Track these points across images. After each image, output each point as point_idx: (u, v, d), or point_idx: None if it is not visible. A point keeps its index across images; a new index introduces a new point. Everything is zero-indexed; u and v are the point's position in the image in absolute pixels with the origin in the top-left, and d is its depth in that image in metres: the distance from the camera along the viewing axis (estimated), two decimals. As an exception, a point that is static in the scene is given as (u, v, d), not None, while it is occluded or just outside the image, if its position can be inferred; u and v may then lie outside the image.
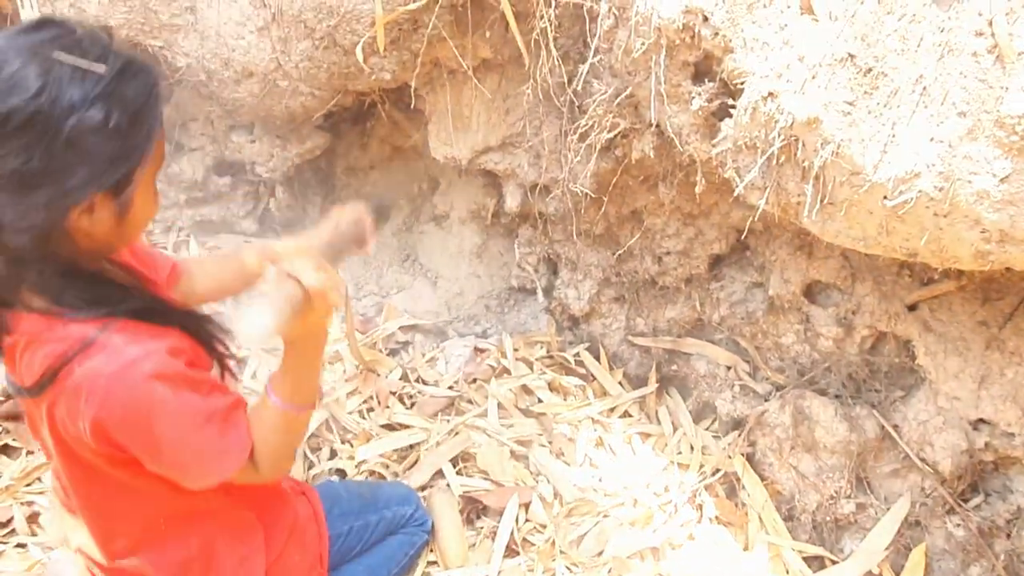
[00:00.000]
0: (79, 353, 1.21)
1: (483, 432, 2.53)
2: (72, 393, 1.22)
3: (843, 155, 1.61)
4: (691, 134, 1.99)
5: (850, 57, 1.58)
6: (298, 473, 2.36)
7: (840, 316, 2.43)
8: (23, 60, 1.12)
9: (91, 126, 1.14)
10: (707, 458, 2.55)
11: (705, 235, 2.59)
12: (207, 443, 1.33)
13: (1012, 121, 1.45)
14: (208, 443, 1.33)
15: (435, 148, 2.77)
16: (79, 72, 1.14)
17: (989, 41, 1.47)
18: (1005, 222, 1.52)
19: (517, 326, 3.07)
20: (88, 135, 1.14)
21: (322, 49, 2.39)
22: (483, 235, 3.18)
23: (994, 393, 2.19)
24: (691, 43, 1.83)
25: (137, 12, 2.53)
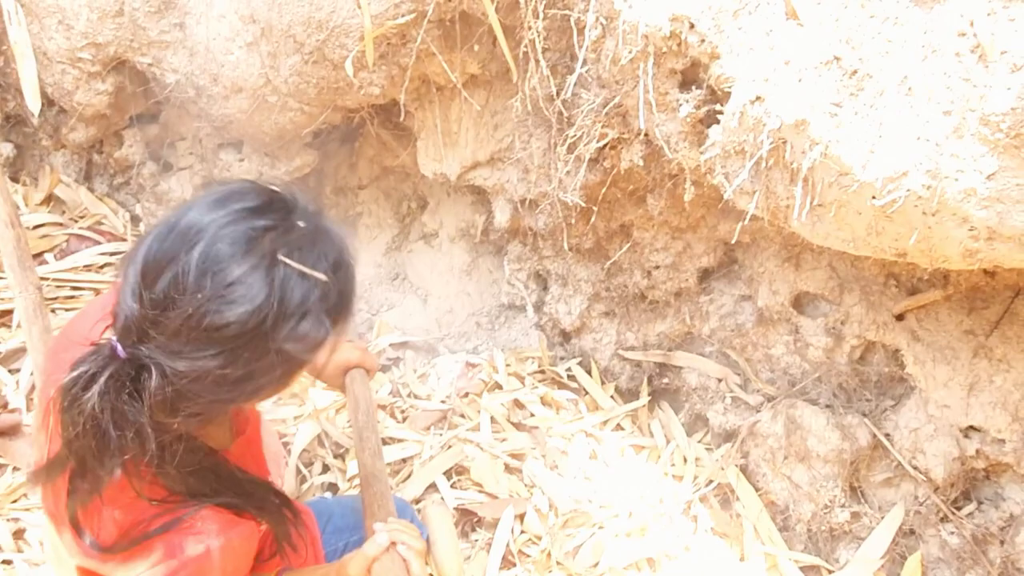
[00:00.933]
0: (167, 529, 1.17)
1: (476, 446, 2.51)
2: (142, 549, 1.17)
3: (831, 156, 1.63)
4: (679, 141, 2.00)
5: (835, 59, 1.60)
6: (290, 488, 2.34)
7: (829, 326, 2.44)
8: (249, 263, 1.07)
9: (300, 339, 1.11)
10: (700, 470, 2.55)
11: (693, 248, 2.60)
12: None
13: (996, 118, 1.47)
14: None
15: (424, 164, 2.78)
16: (302, 280, 1.10)
17: (971, 41, 1.49)
18: (993, 219, 1.54)
19: (508, 342, 3.07)
20: (287, 354, 1.11)
21: (311, 64, 2.41)
22: (472, 253, 3.19)
23: (983, 400, 2.21)
24: (678, 50, 1.86)
25: (126, 29, 2.54)
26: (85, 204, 3.22)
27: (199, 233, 1.07)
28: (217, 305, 1.05)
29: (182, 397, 1.09)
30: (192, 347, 1.06)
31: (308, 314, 1.11)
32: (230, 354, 1.07)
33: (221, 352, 1.07)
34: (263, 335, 1.08)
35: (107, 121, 2.96)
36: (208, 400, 1.11)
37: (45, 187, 3.20)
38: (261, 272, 1.07)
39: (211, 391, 1.10)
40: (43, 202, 3.20)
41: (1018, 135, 1.46)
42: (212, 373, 1.07)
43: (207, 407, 1.12)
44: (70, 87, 2.75)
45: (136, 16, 2.53)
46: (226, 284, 1.05)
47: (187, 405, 1.10)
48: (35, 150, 3.28)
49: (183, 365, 1.06)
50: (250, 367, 1.09)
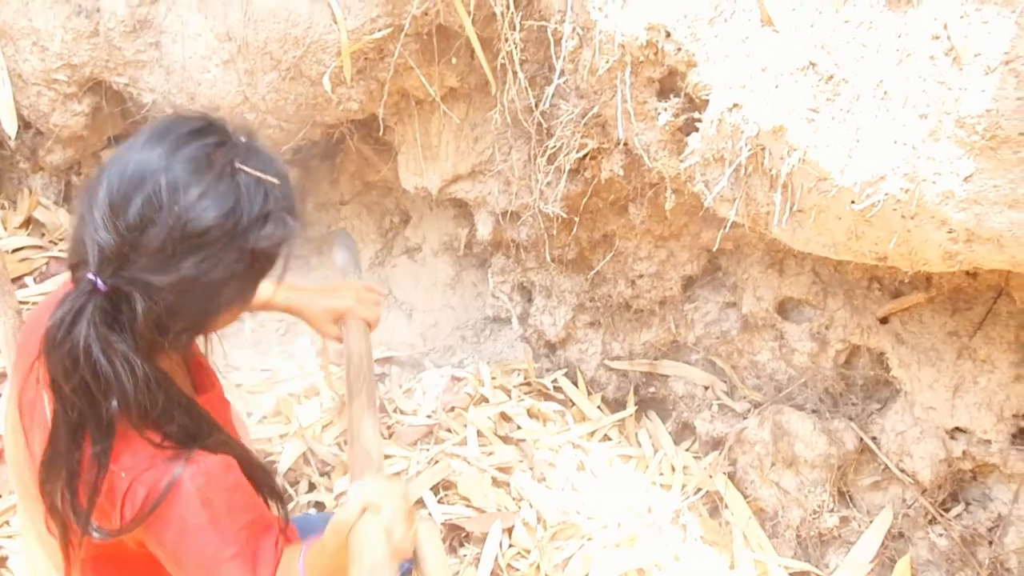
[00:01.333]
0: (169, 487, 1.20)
1: (463, 460, 2.50)
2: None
3: (809, 161, 1.63)
4: (659, 150, 2.00)
5: (811, 65, 1.61)
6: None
7: (814, 331, 2.45)
8: (213, 174, 1.16)
9: (267, 246, 1.21)
10: (689, 478, 2.54)
11: (677, 257, 2.60)
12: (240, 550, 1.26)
13: (972, 121, 1.47)
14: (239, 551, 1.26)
15: (405, 179, 2.78)
16: (259, 185, 1.20)
17: (945, 44, 1.50)
18: (971, 221, 1.54)
19: (494, 355, 3.06)
20: (261, 252, 1.21)
21: (289, 80, 2.40)
22: (456, 266, 3.18)
23: (968, 401, 2.21)
24: (655, 59, 1.86)
25: (101, 49, 2.52)
26: (65, 226, 3.20)
27: (159, 160, 1.15)
28: (195, 213, 1.13)
29: (170, 313, 1.16)
30: (176, 258, 1.13)
31: (271, 214, 1.20)
32: (212, 258, 1.16)
33: (204, 258, 1.15)
34: (239, 235, 1.17)
35: (84, 142, 2.93)
36: (195, 311, 1.20)
37: (24, 210, 3.17)
38: (226, 180, 1.17)
39: (197, 300, 1.18)
40: (22, 225, 3.17)
41: (994, 137, 1.47)
42: (197, 281, 1.15)
43: (195, 320, 1.22)
44: (46, 109, 2.73)
45: (111, 36, 2.52)
46: (198, 196, 1.14)
47: (175, 321, 1.17)
48: (13, 173, 3.25)
49: (169, 278, 1.13)
50: (230, 269, 1.18)
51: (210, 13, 2.43)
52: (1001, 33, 1.45)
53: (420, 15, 2.21)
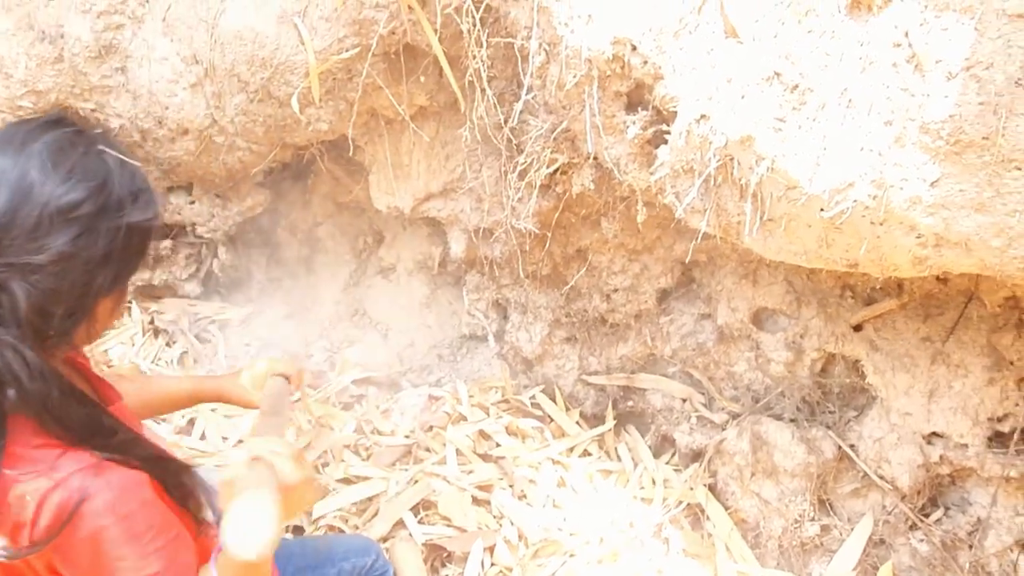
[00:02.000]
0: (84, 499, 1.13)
1: (443, 479, 2.48)
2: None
3: (778, 170, 1.64)
4: (629, 163, 2.01)
5: (776, 75, 1.62)
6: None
7: (789, 340, 2.45)
8: (79, 153, 1.19)
9: (141, 220, 1.25)
10: (669, 491, 2.53)
11: (651, 270, 2.61)
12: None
13: (936, 126, 1.49)
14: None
15: (377, 198, 2.77)
16: (123, 165, 1.24)
17: (907, 51, 1.51)
18: (939, 226, 1.55)
19: (471, 373, 3.04)
20: (136, 228, 1.24)
21: (257, 102, 2.39)
22: (431, 285, 3.17)
23: (944, 406, 2.22)
24: (622, 73, 1.86)
25: (66, 75, 2.50)
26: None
27: (18, 150, 1.16)
28: (66, 188, 1.15)
29: (50, 296, 1.15)
30: (52, 236, 1.13)
31: (141, 191, 1.26)
32: (88, 233, 1.17)
33: (80, 233, 1.16)
34: (113, 209, 1.20)
35: (52, 169, 2.90)
36: (76, 293, 1.18)
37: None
38: (93, 159, 1.21)
39: (76, 280, 1.17)
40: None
41: (958, 142, 1.48)
42: (75, 257, 1.15)
43: (76, 302, 1.19)
44: (12, 136, 2.70)
45: (76, 62, 2.49)
46: (67, 172, 1.16)
47: (56, 305, 1.16)
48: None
49: (47, 256, 1.13)
50: (108, 246, 1.19)
51: (176, 36, 2.41)
52: (961, 39, 1.46)
53: (387, 34, 2.21)
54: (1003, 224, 1.51)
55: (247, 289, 3.25)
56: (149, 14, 2.47)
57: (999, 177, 1.48)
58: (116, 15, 2.48)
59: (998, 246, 1.53)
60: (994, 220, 1.51)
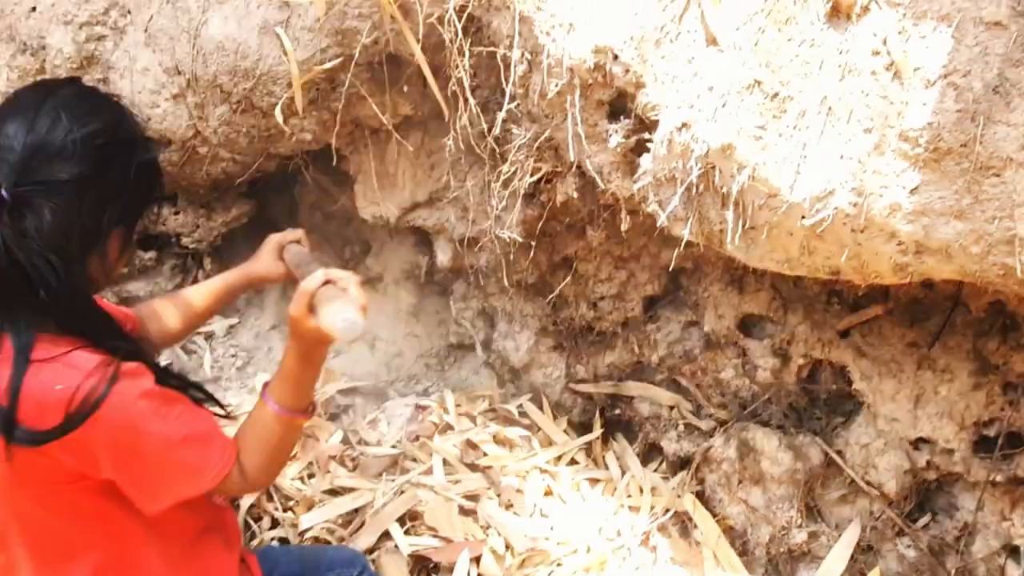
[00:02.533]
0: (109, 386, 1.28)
1: (430, 489, 2.46)
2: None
3: (759, 178, 1.64)
4: (612, 172, 2.01)
5: (757, 83, 1.62)
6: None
7: (775, 347, 2.45)
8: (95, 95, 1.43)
9: (148, 161, 1.44)
10: (657, 499, 2.52)
11: (637, 277, 2.61)
12: (187, 459, 1.39)
13: (915, 134, 1.49)
14: (187, 459, 1.39)
15: (363, 208, 2.76)
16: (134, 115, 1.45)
17: (886, 59, 1.52)
18: (919, 233, 1.56)
19: (459, 382, 3.04)
20: (144, 168, 1.41)
21: (240, 113, 2.38)
22: (418, 294, 3.16)
23: (930, 411, 2.22)
24: (604, 81, 1.87)
25: (48, 87, 2.49)
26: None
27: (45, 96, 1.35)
28: (87, 121, 1.32)
29: (71, 216, 1.29)
30: (74, 160, 1.29)
31: (147, 136, 1.48)
32: (105, 162, 1.33)
33: (98, 160, 1.32)
34: (127, 144, 1.38)
35: (35, 181, 2.89)
36: (93, 216, 1.33)
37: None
38: (108, 102, 1.43)
39: (94, 203, 1.32)
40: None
41: (936, 149, 1.49)
42: (94, 181, 1.31)
43: (93, 226, 1.34)
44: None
45: (58, 74, 2.49)
46: (87, 110, 1.35)
47: (76, 224, 1.30)
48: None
49: (69, 173, 1.29)
50: (121, 177, 1.36)
51: (158, 47, 2.41)
52: (939, 47, 1.47)
53: (370, 44, 2.21)
54: (982, 231, 1.52)
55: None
56: (131, 25, 2.47)
57: (978, 184, 1.49)
58: (98, 26, 2.48)
59: (978, 253, 1.54)
60: (973, 227, 1.52)
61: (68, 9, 2.48)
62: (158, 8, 2.42)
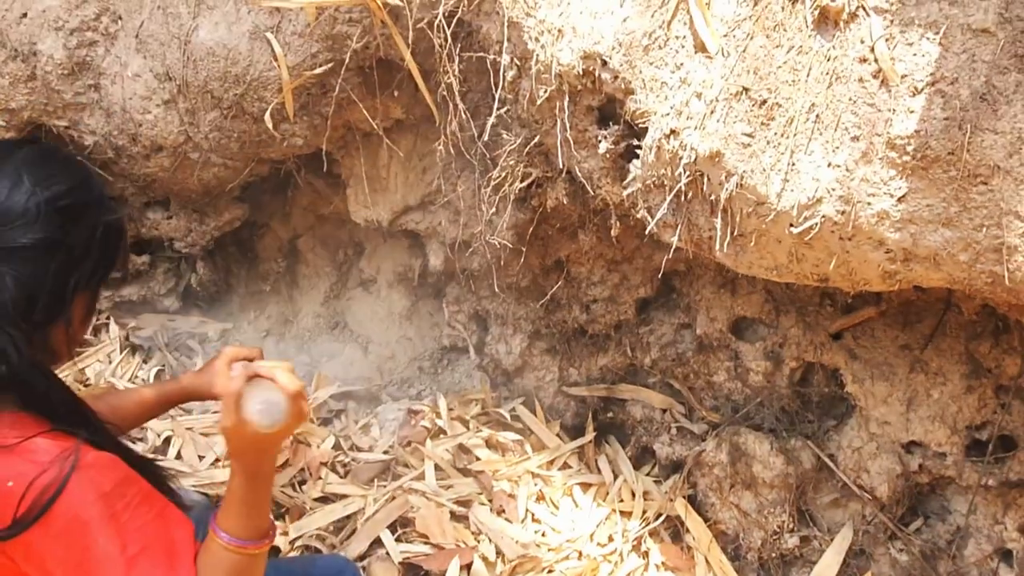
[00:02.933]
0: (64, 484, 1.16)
1: (421, 495, 2.46)
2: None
3: (747, 186, 1.63)
4: (601, 178, 2.00)
5: (744, 91, 1.62)
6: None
7: (768, 350, 2.45)
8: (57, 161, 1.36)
9: (114, 223, 1.38)
10: (649, 503, 2.52)
11: (630, 280, 2.60)
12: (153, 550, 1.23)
13: (902, 142, 1.49)
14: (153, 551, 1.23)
15: (355, 212, 2.76)
16: (96, 175, 1.43)
17: (873, 67, 1.51)
18: (907, 240, 1.55)
19: (452, 385, 3.03)
20: (110, 230, 1.36)
21: (231, 118, 2.38)
22: (411, 297, 3.15)
23: (922, 415, 2.22)
24: (593, 88, 1.86)
25: (39, 93, 2.48)
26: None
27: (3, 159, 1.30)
28: (51, 183, 1.28)
29: (36, 283, 1.24)
30: (38, 224, 1.25)
31: (112, 197, 1.47)
32: (71, 224, 1.29)
33: (63, 223, 1.28)
34: (93, 205, 1.35)
35: (27, 186, 2.88)
36: (60, 281, 1.28)
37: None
38: (71, 162, 1.40)
39: (60, 268, 1.28)
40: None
41: (924, 157, 1.48)
42: (60, 245, 1.27)
43: (59, 291, 1.29)
44: (-15, 153, 2.68)
45: (49, 80, 2.48)
46: (50, 171, 1.30)
47: (41, 291, 1.25)
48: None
49: (35, 237, 1.24)
50: (88, 239, 1.32)
51: (149, 53, 2.40)
52: (926, 55, 1.47)
53: (360, 49, 2.20)
54: (970, 239, 1.51)
55: (227, 303, 3.24)
56: (122, 31, 2.46)
57: (965, 192, 1.49)
58: (89, 32, 2.47)
59: (965, 260, 1.53)
60: (961, 235, 1.52)
61: (59, 15, 2.47)
62: (149, 14, 2.41)
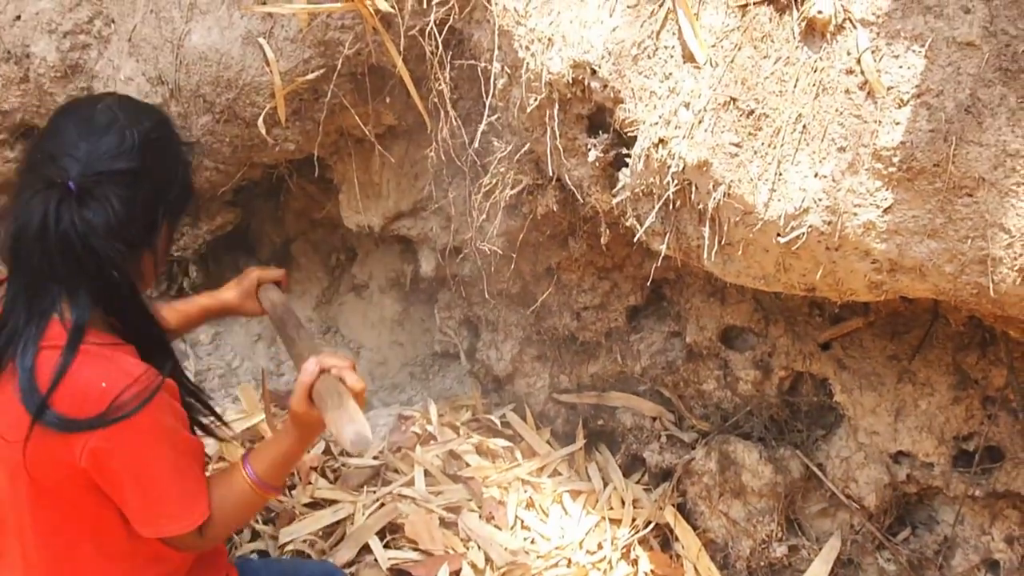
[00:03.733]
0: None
1: (411, 501, 2.46)
2: None
3: (734, 195, 1.64)
4: (591, 186, 2.01)
5: (732, 101, 1.62)
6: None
7: (757, 359, 2.45)
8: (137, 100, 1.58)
9: (190, 160, 1.57)
10: (639, 511, 2.52)
11: (620, 288, 2.61)
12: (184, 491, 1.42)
13: (888, 153, 1.50)
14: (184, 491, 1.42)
15: (347, 217, 2.76)
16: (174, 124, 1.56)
17: (859, 78, 1.52)
18: (893, 251, 1.56)
19: (443, 391, 3.03)
20: (188, 166, 1.54)
21: (223, 123, 2.38)
22: (403, 302, 3.16)
23: (910, 425, 2.23)
24: (582, 96, 1.87)
25: (32, 95, 2.49)
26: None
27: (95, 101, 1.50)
28: (141, 119, 1.43)
29: (131, 204, 1.38)
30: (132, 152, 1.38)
31: (183, 140, 1.56)
32: (158, 154, 1.43)
33: (153, 153, 1.41)
34: (174, 143, 1.51)
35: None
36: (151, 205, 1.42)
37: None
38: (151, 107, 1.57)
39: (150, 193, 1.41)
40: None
41: (910, 168, 1.49)
42: (150, 172, 1.40)
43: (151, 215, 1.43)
44: (-24, 155, 2.69)
45: (42, 82, 2.48)
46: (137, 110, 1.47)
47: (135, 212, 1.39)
48: (-53, 220, 3.18)
49: (129, 164, 1.37)
50: (171, 170, 1.48)
51: (141, 57, 2.40)
52: (912, 67, 1.48)
53: (352, 55, 2.21)
54: (956, 250, 1.52)
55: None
56: (115, 34, 2.47)
57: (951, 204, 1.49)
58: (82, 35, 2.48)
59: (951, 272, 1.54)
60: (947, 246, 1.52)
61: (52, 18, 2.48)
62: (142, 18, 2.41)
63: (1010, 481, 2.15)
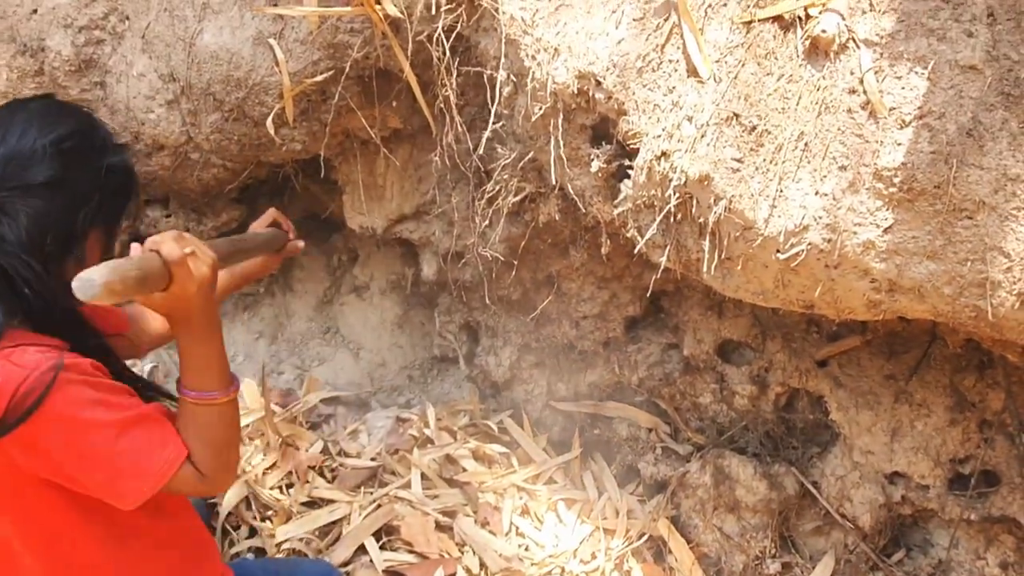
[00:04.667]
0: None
1: (407, 503, 2.47)
2: None
3: (735, 210, 1.65)
4: (593, 196, 2.02)
5: (735, 116, 1.63)
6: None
7: (753, 374, 2.45)
8: (63, 107, 1.50)
9: (119, 164, 1.49)
10: (633, 522, 2.52)
11: (620, 298, 2.61)
12: (138, 441, 1.36)
13: (889, 173, 1.50)
14: (138, 443, 1.36)
15: (350, 218, 2.77)
16: (103, 124, 1.53)
17: (862, 98, 1.53)
18: (892, 271, 1.56)
19: (441, 395, 3.04)
20: (115, 171, 1.47)
21: (232, 121, 2.40)
22: (404, 305, 3.17)
23: (906, 446, 2.22)
24: (587, 107, 1.87)
25: (46, 88, 2.51)
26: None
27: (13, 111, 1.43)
28: (56, 127, 1.40)
29: (45, 218, 1.36)
30: (45, 164, 1.36)
31: (119, 146, 1.53)
32: (75, 165, 1.40)
33: (68, 163, 1.39)
34: (96, 149, 1.45)
35: (29, 179, 2.91)
36: (67, 217, 1.39)
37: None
38: (77, 112, 1.51)
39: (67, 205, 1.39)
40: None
41: (910, 189, 1.49)
42: (65, 184, 1.38)
43: (68, 227, 1.40)
44: (-11, 146, 2.71)
45: (56, 75, 2.50)
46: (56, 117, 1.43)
47: (50, 226, 1.37)
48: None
49: (42, 175, 1.36)
50: (92, 181, 1.43)
51: (154, 54, 2.42)
52: (914, 88, 1.48)
53: (361, 58, 2.22)
54: (955, 272, 1.52)
55: (221, 304, 3.25)
56: (129, 31, 2.49)
57: (951, 226, 1.50)
58: (97, 30, 2.50)
59: (950, 294, 1.54)
60: (946, 268, 1.53)
61: (68, 12, 2.50)
62: (155, 16, 2.43)
63: (1006, 506, 2.14)
